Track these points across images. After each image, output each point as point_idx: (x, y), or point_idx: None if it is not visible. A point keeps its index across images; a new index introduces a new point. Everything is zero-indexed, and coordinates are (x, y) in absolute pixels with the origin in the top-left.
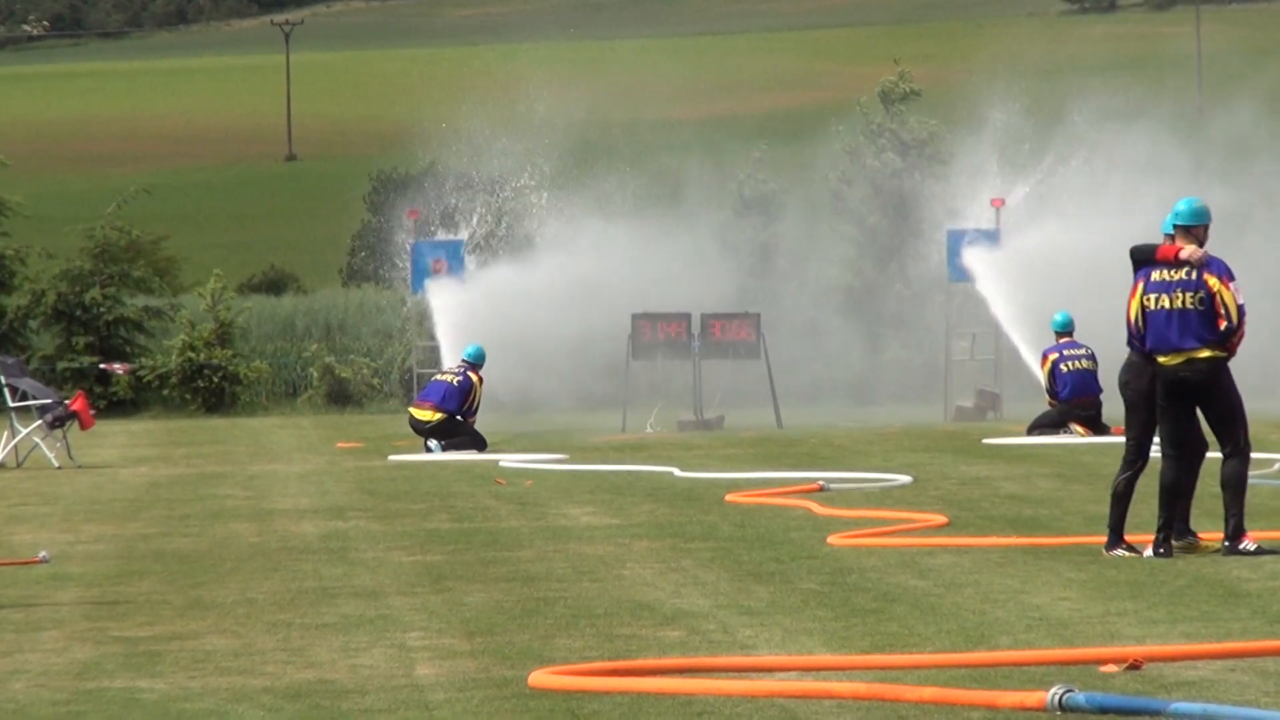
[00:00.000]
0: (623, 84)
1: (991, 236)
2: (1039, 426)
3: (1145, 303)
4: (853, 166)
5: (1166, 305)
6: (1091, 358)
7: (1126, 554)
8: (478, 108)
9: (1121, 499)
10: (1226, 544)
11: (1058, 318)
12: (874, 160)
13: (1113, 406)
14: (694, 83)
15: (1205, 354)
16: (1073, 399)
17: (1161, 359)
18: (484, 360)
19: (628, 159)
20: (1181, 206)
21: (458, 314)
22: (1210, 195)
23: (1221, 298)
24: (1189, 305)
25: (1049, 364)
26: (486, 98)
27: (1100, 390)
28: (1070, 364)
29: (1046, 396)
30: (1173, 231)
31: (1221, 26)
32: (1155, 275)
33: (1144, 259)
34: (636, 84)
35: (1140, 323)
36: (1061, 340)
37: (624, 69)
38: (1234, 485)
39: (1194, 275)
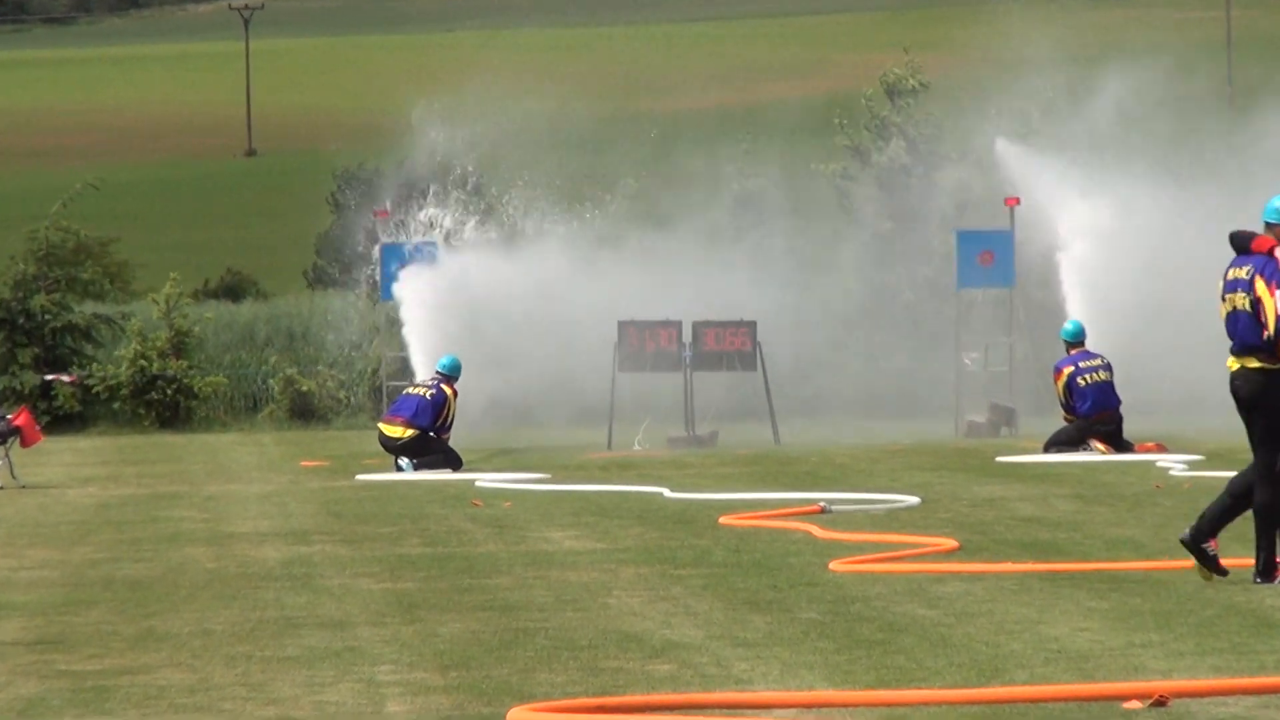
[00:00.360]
0: (609, 74)
1: (1005, 238)
2: (1057, 443)
3: (1225, 303)
4: (854, 163)
5: (1231, 306)
6: (1108, 368)
7: (1209, 565)
8: (453, 99)
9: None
10: (1257, 579)
11: (1068, 326)
12: (879, 156)
13: (1134, 421)
14: (686, 72)
15: (1254, 364)
16: (1093, 414)
17: (1229, 363)
18: (459, 372)
19: (613, 154)
20: (1274, 202)
21: (430, 321)
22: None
23: (1264, 304)
24: (1242, 307)
25: (1064, 378)
26: (463, 88)
27: (1119, 402)
28: (1088, 376)
29: (1062, 412)
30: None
31: (1253, 12)
32: (1230, 273)
33: (1240, 247)
34: (624, 74)
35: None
36: (1074, 351)
37: (611, 58)
38: (1264, 514)
39: (1250, 274)
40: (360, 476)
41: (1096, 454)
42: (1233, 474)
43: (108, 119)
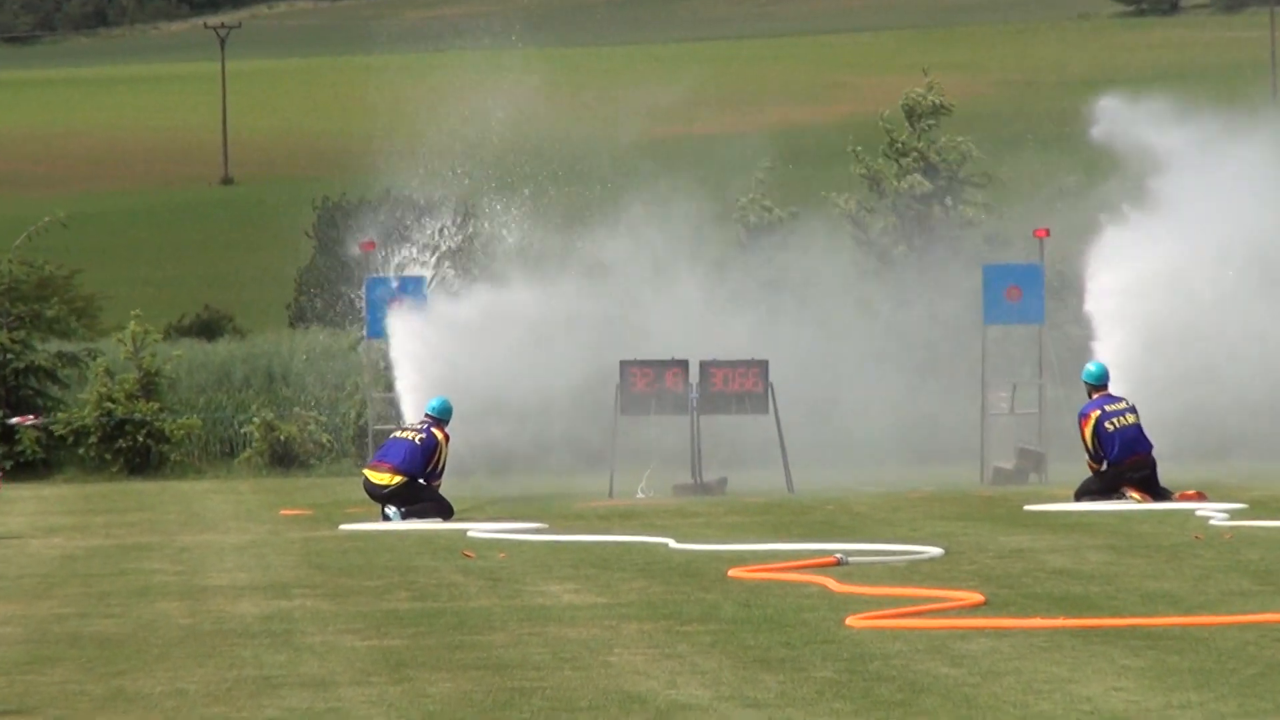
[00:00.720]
0: (609, 96)
1: (1034, 272)
2: (1088, 492)
3: None
4: (871, 193)
5: None
6: (1134, 410)
7: None
8: (441, 123)
9: None
10: None
11: (1092, 368)
12: (898, 184)
13: (1168, 467)
14: (691, 95)
15: None
16: (1124, 459)
17: None
18: (450, 415)
19: (615, 182)
20: None
21: (419, 360)
22: None
23: None
24: None
25: (1091, 423)
26: (451, 111)
27: (1151, 446)
28: (1115, 421)
29: (1089, 462)
30: None
31: None
32: None
33: None
34: (625, 96)
35: None
36: (1098, 395)
37: (610, 79)
38: None
39: None
40: (344, 526)
41: (1132, 503)
42: (1278, 523)
43: (74, 144)
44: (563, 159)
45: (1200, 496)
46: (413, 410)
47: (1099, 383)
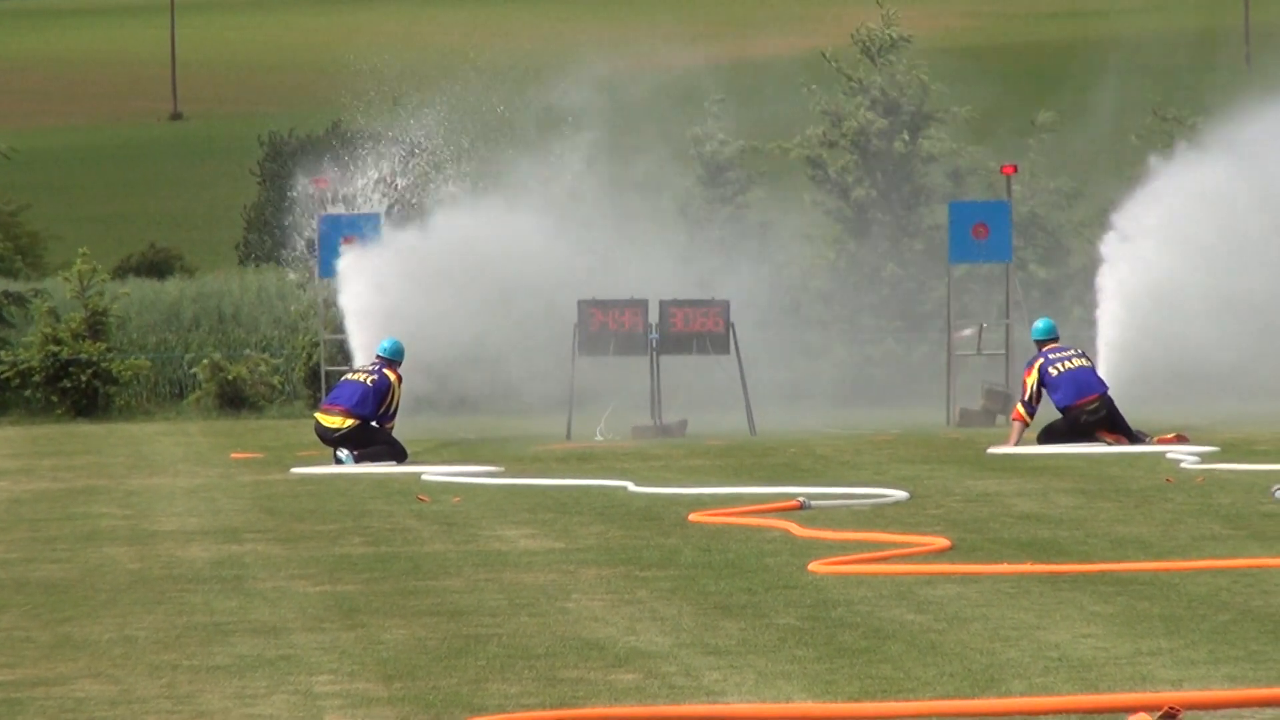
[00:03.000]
0: (560, 28)
1: (1001, 209)
2: (1052, 437)
3: None
4: (833, 129)
5: None
6: (1083, 355)
7: None
8: (394, 54)
9: None
10: None
11: (1039, 324)
12: (856, 120)
13: (1145, 407)
14: (650, 26)
15: None
16: (1073, 402)
17: None
18: (403, 356)
19: (569, 117)
20: None
21: (372, 301)
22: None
23: None
24: None
25: (1035, 371)
26: (404, 43)
27: (1105, 388)
28: (1061, 365)
29: (1016, 407)
30: None
31: None
32: None
33: None
34: (577, 28)
35: None
36: (1047, 347)
37: (561, 11)
38: None
39: None
40: (296, 469)
41: (1102, 445)
42: (1250, 466)
43: (16, 78)
44: (516, 92)
45: (1181, 439)
46: (363, 351)
47: (1047, 337)
